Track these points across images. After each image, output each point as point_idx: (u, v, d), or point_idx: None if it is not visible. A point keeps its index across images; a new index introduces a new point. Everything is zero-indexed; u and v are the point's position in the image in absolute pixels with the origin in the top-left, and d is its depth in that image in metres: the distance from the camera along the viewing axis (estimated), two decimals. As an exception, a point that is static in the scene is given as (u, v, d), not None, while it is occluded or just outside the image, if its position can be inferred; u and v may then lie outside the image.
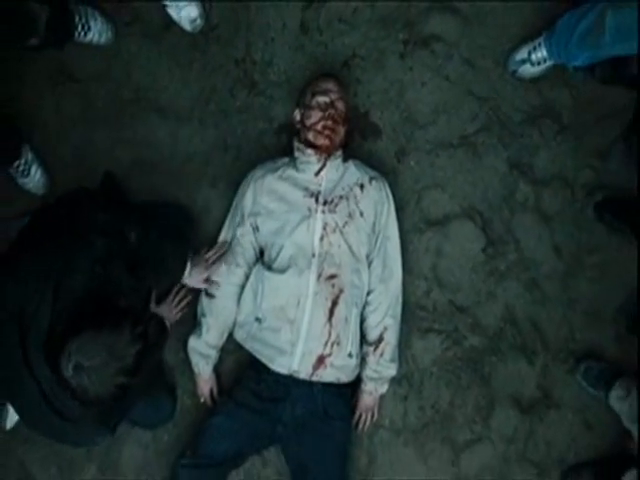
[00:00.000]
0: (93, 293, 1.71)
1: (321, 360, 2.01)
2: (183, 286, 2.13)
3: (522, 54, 2.18)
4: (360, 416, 2.19)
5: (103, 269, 1.75)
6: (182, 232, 2.15)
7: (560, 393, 2.34)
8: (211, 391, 2.18)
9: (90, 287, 1.71)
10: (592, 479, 2.25)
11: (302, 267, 2.00)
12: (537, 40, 2.14)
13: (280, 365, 2.02)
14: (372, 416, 2.22)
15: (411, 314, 2.26)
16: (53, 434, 1.88)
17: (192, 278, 2.06)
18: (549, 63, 2.15)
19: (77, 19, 2.06)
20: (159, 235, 1.94)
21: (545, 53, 2.12)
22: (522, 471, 2.33)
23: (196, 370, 2.16)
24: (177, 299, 2.11)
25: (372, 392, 2.14)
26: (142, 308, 2.01)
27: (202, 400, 2.20)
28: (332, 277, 2.00)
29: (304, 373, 2.02)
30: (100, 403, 1.64)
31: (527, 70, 2.19)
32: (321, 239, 2.01)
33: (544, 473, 2.33)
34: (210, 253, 2.12)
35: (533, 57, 2.15)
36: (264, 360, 2.05)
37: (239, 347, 2.20)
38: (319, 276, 2.00)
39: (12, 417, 2.20)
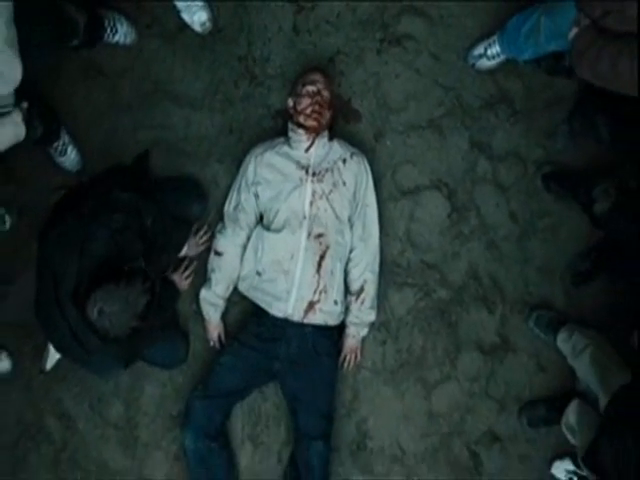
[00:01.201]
0: (112, 256, 2.10)
1: (311, 305, 2.43)
2: (192, 260, 2.55)
3: (479, 50, 2.55)
4: (345, 357, 2.59)
5: (120, 239, 2.14)
6: (186, 215, 2.55)
7: (516, 339, 2.70)
8: (219, 336, 2.58)
9: (109, 252, 2.10)
10: (544, 413, 2.62)
11: (295, 227, 2.41)
12: (492, 38, 2.51)
13: (277, 310, 2.44)
14: (355, 357, 2.60)
15: (388, 270, 2.64)
16: (79, 361, 2.30)
17: (189, 251, 2.52)
18: (502, 57, 2.52)
19: (106, 23, 2.46)
20: (169, 220, 2.35)
21: (498, 49, 2.49)
22: (485, 406, 2.70)
23: (206, 318, 2.57)
24: (186, 272, 2.52)
25: (355, 335, 2.55)
26: (151, 270, 2.36)
27: (211, 344, 2.60)
28: (320, 236, 2.42)
29: (297, 316, 2.43)
30: (117, 341, 2.05)
31: (484, 63, 2.56)
32: (310, 204, 2.42)
33: (504, 408, 2.70)
34: (201, 233, 2.54)
35: (489, 52, 2.52)
36: (264, 306, 2.46)
37: (242, 299, 2.61)
38: (309, 235, 2.41)
39: (51, 359, 2.61)
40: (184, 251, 2.53)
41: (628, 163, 2.26)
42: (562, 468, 2.62)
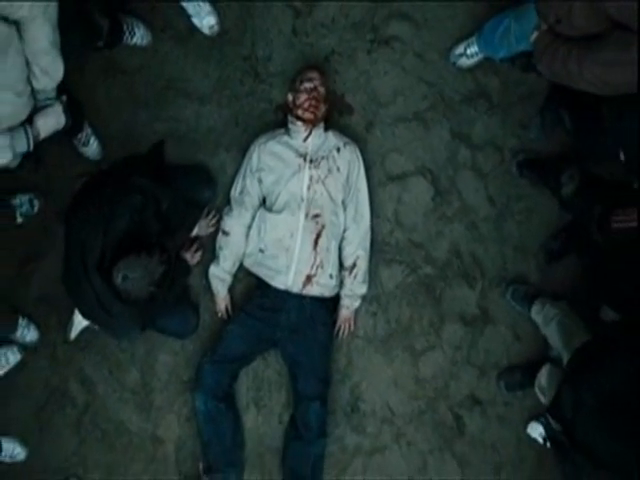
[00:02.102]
0: (132, 233, 2.40)
1: (309, 279, 2.73)
2: (202, 245, 2.85)
3: (460, 49, 2.82)
4: (340, 327, 2.87)
5: (139, 218, 2.44)
6: (197, 199, 2.83)
7: (495, 311, 2.96)
8: (226, 307, 2.87)
9: (130, 229, 2.40)
10: (520, 377, 2.88)
11: (294, 209, 2.70)
12: (470, 39, 2.80)
13: (278, 282, 2.73)
14: (349, 327, 2.89)
15: (378, 249, 2.92)
16: (102, 324, 2.61)
17: (199, 231, 2.81)
18: (480, 56, 2.80)
19: (125, 27, 2.74)
20: (182, 204, 2.64)
21: (476, 48, 2.78)
22: (466, 372, 2.96)
23: (215, 291, 2.86)
24: (197, 253, 2.82)
25: (348, 306, 2.84)
26: (167, 245, 2.64)
27: (219, 315, 2.88)
28: (316, 216, 2.71)
29: (296, 288, 2.73)
30: (136, 304, 2.37)
31: (464, 62, 2.84)
32: (308, 188, 2.71)
33: (484, 374, 2.96)
34: (210, 216, 2.83)
35: (468, 51, 2.80)
36: (266, 279, 2.76)
37: (247, 275, 2.90)
38: (306, 215, 2.70)
39: (75, 330, 2.88)
40: (195, 231, 2.81)
41: (590, 150, 2.56)
42: (536, 428, 2.89)
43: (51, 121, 2.15)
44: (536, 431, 2.90)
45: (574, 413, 2.23)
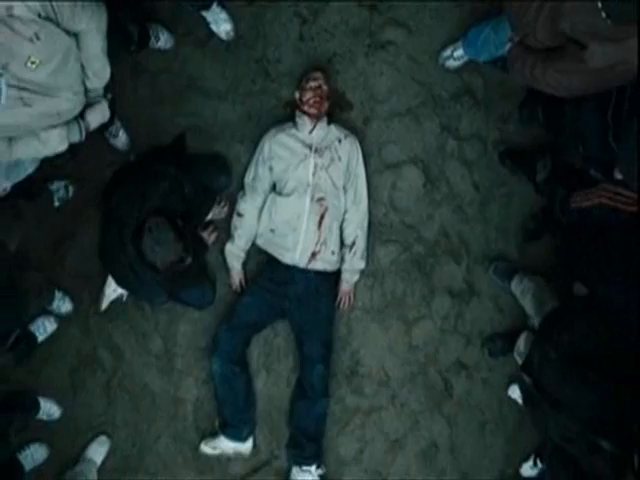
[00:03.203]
0: (161, 212, 2.76)
1: (314, 255, 3.07)
2: (216, 227, 3.19)
3: (448, 52, 3.10)
4: (341, 299, 3.20)
5: (167, 199, 2.81)
6: (214, 185, 3.14)
7: (479, 285, 3.23)
8: (240, 281, 3.20)
9: (159, 208, 2.76)
10: (502, 344, 3.19)
11: (301, 193, 3.02)
12: (457, 43, 3.07)
13: (287, 258, 3.07)
14: (349, 299, 3.21)
15: (375, 229, 3.20)
16: (133, 290, 2.98)
17: (214, 215, 3.14)
18: (465, 58, 3.07)
19: (151, 33, 3.04)
20: (202, 190, 2.99)
21: (462, 52, 3.06)
22: (454, 340, 3.25)
23: (230, 267, 3.19)
24: (213, 234, 3.17)
25: (348, 280, 3.18)
26: (188, 225, 2.99)
27: (234, 288, 3.21)
28: (320, 199, 3.04)
29: (303, 264, 3.07)
30: (163, 271, 2.73)
31: (451, 63, 3.11)
32: (313, 174, 3.03)
33: (469, 341, 3.25)
34: (222, 203, 3.16)
35: (455, 54, 3.08)
36: (276, 256, 3.10)
37: (258, 252, 3.19)
38: (312, 199, 3.03)
39: (105, 302, 3.19)
40: (210, 215, 3.16)
41: (558, 142, 2.91)
42: (516, 390, 3.20)
43: (99, 115, 2.48)
44: (516, 392, 3.19)
45: (541, 367, 2.58)
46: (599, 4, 1.84)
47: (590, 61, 2.07)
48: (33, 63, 2.00)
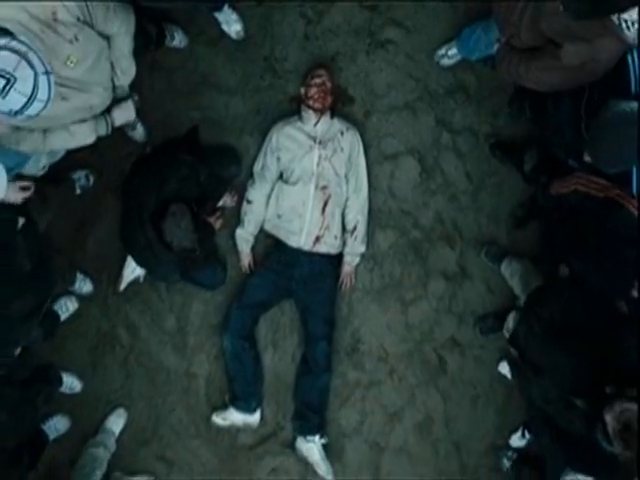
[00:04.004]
0: (178, 197, 3.03)
1: (318, 239, 3.30)
2: (223, 210, 3.45)
3: (442, 51, 3.31)
4: (343, 281, 3.43)
5: (184, 185, 3.07)
6: (225, 174, 3.37)
7: (472, 268, 3.43)
8: (249, 263, 3.43)
9: (176, 193, 3.03)
10: (493, 323, 3.41)
11: (306, 181, 3.26)
12: (451, 43, 3.29)
13: (293, 242, 3.31)
14: (350, 281, 3.44)
15: (374, 216, 3.40)
16: (150, 268, 3.22)
17: (225, 202, 3.37)
18: (459, 56, 3.28)
19: (167, 32, 3.26)
20: (214, 178, 3.24)
21: (456, 51, 3.28)
22: (448, 319, 3.46)
23: (240, 250, 3.42)
24: (219, 220, 3.40)
25: (350, 263, 3.41)
26: (200, 210, 3.25)
27: (243, 270, 3.44)
28: (324, 187, 3.28)
29: (307, 247, 3.30)
30: (179, 251, 2.98)
31: (446, 61, 3.33)
32: (317, 164, 3.26)
33: (462, 321, 3.46)
34: (232, 192, 3.38)
35: (449, 53, 3.30)
36: (283, 239, 3.33)
37: (266, 237, 3.41)
38: (316, 187, 3.26)
39: (123, 283, 3.41)
40: (221, 202, 3.40)
41: (545, 134, 3.13)
42: (506, 366, 3.40)
43: (125, 113, 2.73)
44: (505, 368, 3.40)
45: (526, 339, 2.85)
46: (559, 3, 2.06)
47: (565, 59, 2.34)
48: (72, 62, 2.28)
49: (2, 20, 2.04)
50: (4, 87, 1.98)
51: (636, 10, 2.04)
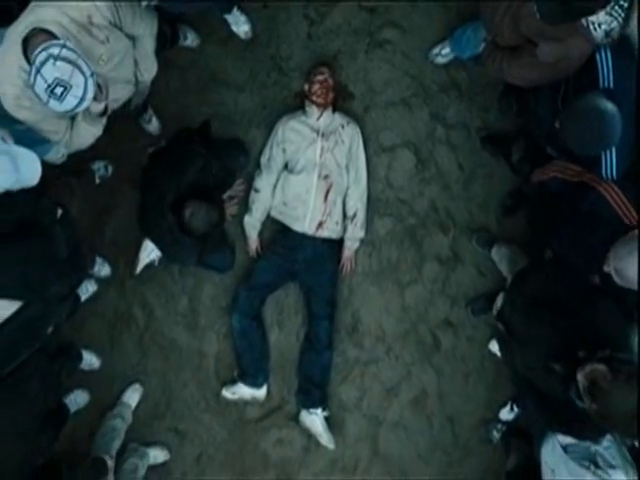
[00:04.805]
0: (195, 185, 3.30)
1: (320, 224, 3.56)
2: (240, 199, 3.69)
3: (436, 50, 3.53)
4: (343, 265, 3.68)
5: (200, 175, 3.32)
6: (235, 165, 3.61)
7: (464, 253, 3.64)
8: (256, 248, 3.69)
9: (194, 182, 3.29)
10: (483, 304, 3.64)
11: (310, 171, 3.51)
12: (444, 42, 3.51)
13: (297, 227, 3.57)
14: (350, 265, 3.69)
15: (373, 204, 3.62)
16: (169, 253, 3.47)
17: (234, 191, 3.64)
18: (452, 55, 3.50)
19: (180, 32, 3.52)
20: (225, 168, 3.51)
21: (449, 50, 3.52)
22: (442, 301, 3.69)
23: (248, 235, 3.67)
24: (233, 208, 3.68)
25: (350, 247, 3.67)
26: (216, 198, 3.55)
27: (251, 254, 3.69)
28: (326, 177, 3.53)
29: (311, 231, 3.56)
30: (198, 236, 3.23)
31: (440, 59, 3.54)
32: (320, 155, 3.50)
33: (455, 302, 3.69)
34: (239, 182, 3.65)
35: (442, 52, 3.53)
36: (288, 224, 3.59)
37: (272, 223, 3.65)
38: (319, 176, 3.51)
39: (140, 266, 3.65)
40: (228, 192, 3.65)
41: (530, 126, 3.38)
42: (496, 344, 3.61)
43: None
44: (495, 347, 3.60)
45: (511, 314, 3.10)
46: (535, 6, 2.34)
47: (541, 57, 2.61)
48: (103, 60, 2.58)
49: (46, 22, 2.33)
50: (62, 94, 2.25)
51: (602, 14, 2.35)
